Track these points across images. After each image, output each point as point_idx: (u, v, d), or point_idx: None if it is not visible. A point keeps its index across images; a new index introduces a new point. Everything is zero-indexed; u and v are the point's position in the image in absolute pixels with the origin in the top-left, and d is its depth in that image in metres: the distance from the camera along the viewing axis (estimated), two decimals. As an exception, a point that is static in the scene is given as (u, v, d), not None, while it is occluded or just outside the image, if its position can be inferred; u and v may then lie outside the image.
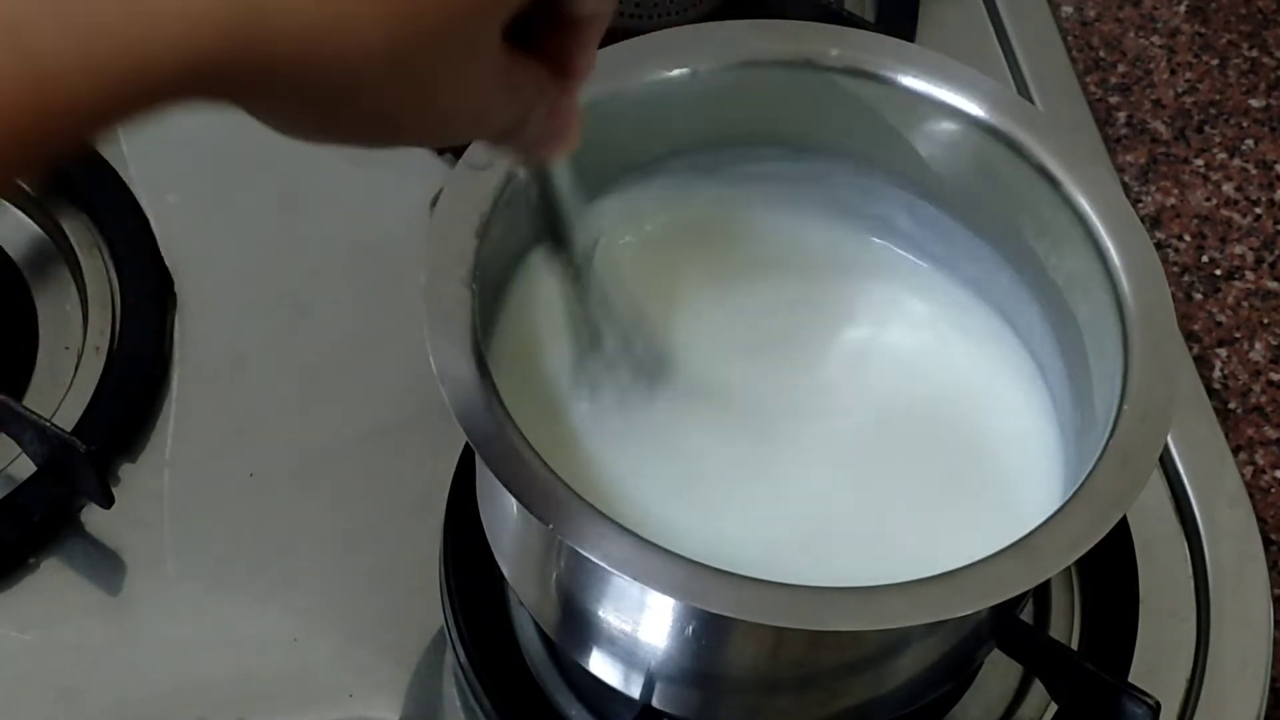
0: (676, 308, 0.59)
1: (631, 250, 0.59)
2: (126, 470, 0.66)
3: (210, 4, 0.33)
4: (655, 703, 0.54)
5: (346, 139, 0.39)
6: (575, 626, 0.54)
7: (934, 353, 0.59)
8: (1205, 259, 0.78)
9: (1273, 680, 0.64)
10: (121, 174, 0.72)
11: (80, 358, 0.67)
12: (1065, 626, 0.64)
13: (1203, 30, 0.86)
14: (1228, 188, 0.80)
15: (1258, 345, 0.75)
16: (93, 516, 0.64)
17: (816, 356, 0.58)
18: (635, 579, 0.45)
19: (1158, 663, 0.63)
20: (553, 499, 0.46)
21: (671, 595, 0.46)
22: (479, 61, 0.38)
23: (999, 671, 0.62)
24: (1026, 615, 0.63)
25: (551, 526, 0.46)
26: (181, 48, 0.33)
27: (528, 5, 0.39)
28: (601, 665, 0.54)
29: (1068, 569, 0.63)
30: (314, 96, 0.36)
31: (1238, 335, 0.75)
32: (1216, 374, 0.74)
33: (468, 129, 0.41)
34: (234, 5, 0.33)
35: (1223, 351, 0.75)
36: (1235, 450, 0.70)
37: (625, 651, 0.52)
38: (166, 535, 0.65)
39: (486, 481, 0.56)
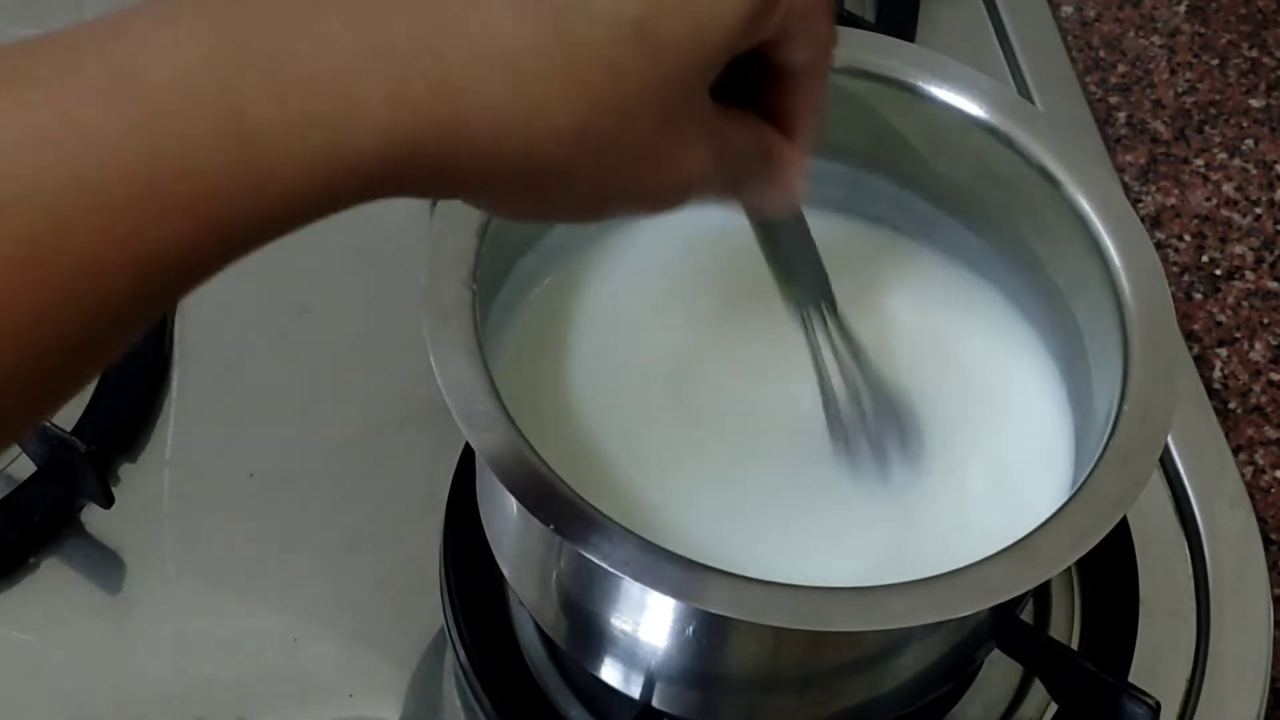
0: (677, 307, 0.59)
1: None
2: (126, 470, 0.66)
3: (412, 90, 0.33)
4: (655, 703, 0.54)
5: (565, 217, 0.39)
6: (575, 627, 0.54)
7: (934, 350, 0.59)
8: (1205, 259, 0.78)
9: (1273, 680, 0.64)
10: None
11: (80, 358, 0.67)
12: (1065, 626, 0.64)
13: (1203, 30, 0.86)
14: (1228, 188, 0.80)
15: (1258, 345, 0.75)
16: (93, 516, 0.64)
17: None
18: (635, 579, 0.45)
19: (1158, 663, 0.63)
20: (553, 499, 0.46)
21: (671, 595, 0.46)
22: (683, 132, 0.37)
23: (999, 671, 0.62)
24: (1026, 615, 0.63)
25: (552, 527, 0.46)
26: (385, 132, 0.33)
27: (737, 62, 0.38)
28: (601, 665, 0.54)
29: (1068, 569, 0.63)
30: (515, 182, 0.35)
31: (1238, 335, 0.75)
32: (1216, 374, 0.74)
33: (683, 195, 0.39)
34: (434, 92, 0.33)
35: (1223, 351, 0.75)
36: (1235, 450, 0.70)
37: (625, 651, 0.52)
38: (166, 535, 0.65)
39: (486, 481, 0.56)
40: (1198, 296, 0.76)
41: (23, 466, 0.64)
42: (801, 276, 0.51)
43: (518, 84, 0.34)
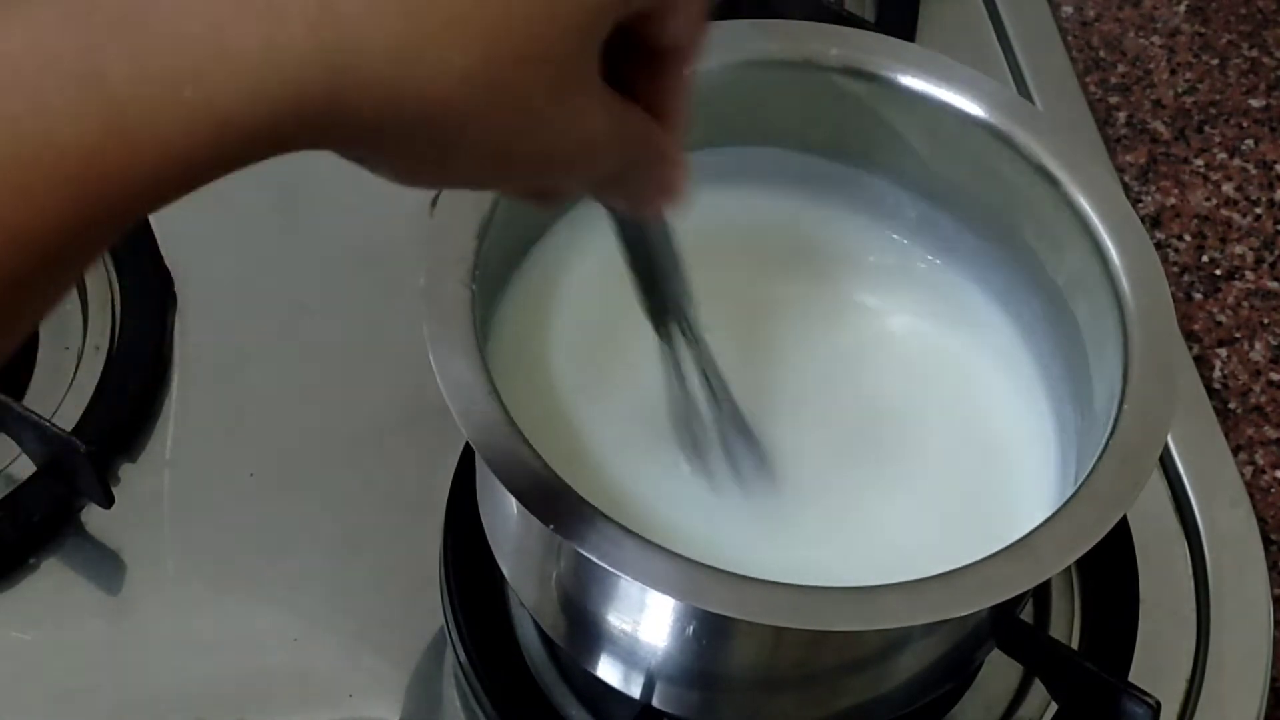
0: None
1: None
2: (126, 470, 0.66)
3: (291, 33, 0.31)
4: (655, 703, 0.54)
5: (462, 177, 0.37)
6: (575, 626, 0.54)
7: (934, 350, 0.59)
8: (1205, 259, 0.78)
9: (1273, 680, 0.64)
10: (121, 174, 0.72)
11: (80, 358, 0.67)
12: (1065, 626, 0.64)
13: (1203, 30, 0.86)
14: (1228, 188, 0.80)
15: (1258, 345, 0.75)
16: (93, 516, 0.64)
17: (815, 355, 0.58)
18: (635, 579, 0.45)
19: (1158, 663, 0.63)
20: (552, 499, 0.46)
21: (671, 595, 0.46)
22: (580, 86, 0.37)
23: (999, 671, 0.62)
24: (1026, 615, 0.63)
25: (552, 527, 0.46)
26: (264, 81, 0.31)
27: (613, 47, 0.38)
28: (602, 665, 0.54)
29: (1068, 569, 0.63)
30: (411, 132, 0.34)
31: (1238, 335, 0.75)
32: (1216, 374, 0.74)
33: (577, 162, 0.39)
34: (316, 32, 0.32)
35: (1223, 351, 0.75)
36: (1235, 450, 0.70)
37: (625, 651, 0.52)
38: (166, 535, 0.65)
39: (486, 481, 0.56)
40: (1198, 296, 0.76)
41: (23, 466, 0.64)
42: (664, 288, 0.49)
43: (408, 22, 0.33)
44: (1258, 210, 0.79)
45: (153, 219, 0.71)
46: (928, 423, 0.57)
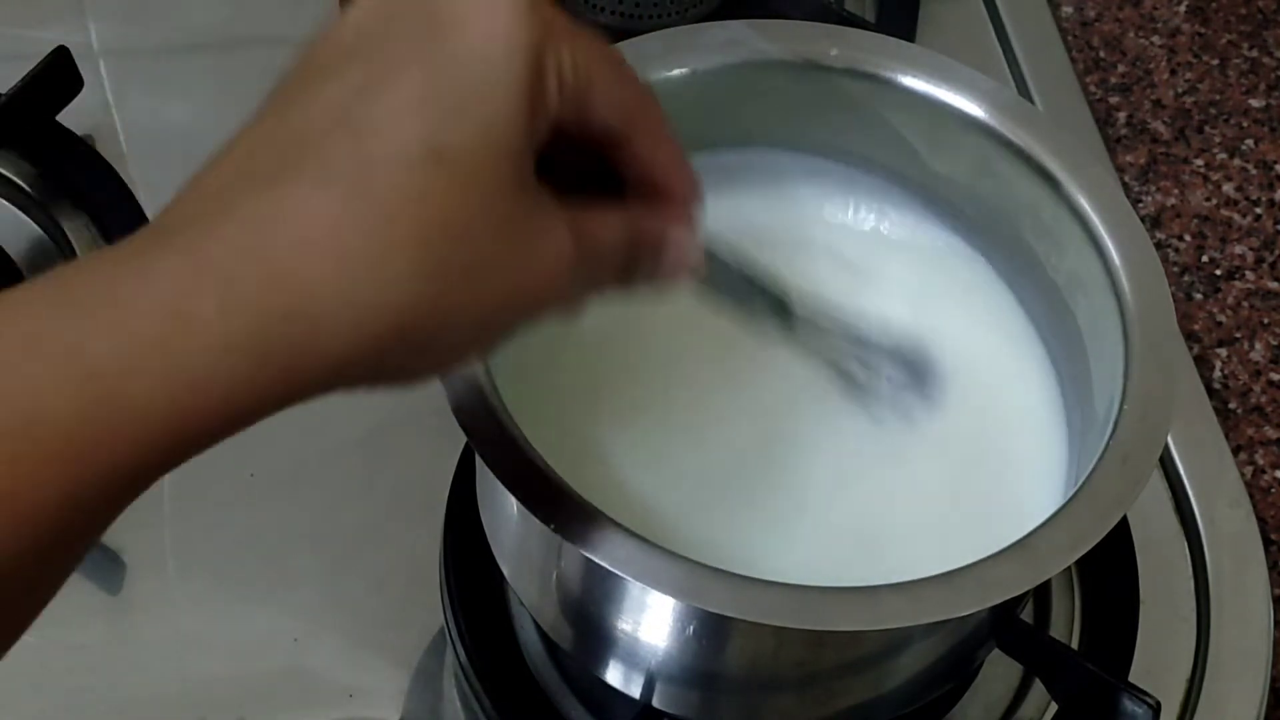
0: (678, 307, 0.59)
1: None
2: (126, 470, 0.66)
3: (244, 292, 0.33)
4: (655, 703, 0.54)
5: (463, 355, 0.39)
6: (575, 626, 0.54)
7: (935, 350, 0.59)
8: (1205, 259, 0.78)
9: (1273, 680, 0.64)
10: (121, 174, 0.72)
11: (80, 358, 0.67)
12: (1065, 626, 0.64)
13: (1203, 30, 0.86)
14: (1228, 188, 0.80)
15: (1258, 345, 0.75)
16: (93, 516, 0.64)
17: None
18: (635, 579, 0.45)
19: (1158, 663, 0.63)
20: (552, 499, 0.46)
21: (671, 595, 0.46)
22: (525, 228, 0.37)
23: (999, 671, 0.62)
24: (1026, 615, 0.63)
25: (552, 526, 0.46)
26: (227, 338, 0.33)
27: (580, 155, 0.38)
28: (602, 665, 0.54)
29: (1068, 569, 0.63)
30: (389, 346, 0.35)
31: (1238, 335, 0.75)
32: (1216, 374, 0.74)
33: (556, 285, 0.39)
34: (268, 290, 0.33)
35: (1223, 351, 0.75)
36: (1235, 450, 0.70)
37: (625, 651, 0.52)
38: (166, 535, 0.65)
39: (486, 481, 0.56)
40: (1198, 296, 0.76)
41: (23, 466, 0.64)
42: (753, 304, 0.50)
43: (343, 255, 0.34)
44: (1258, 210, 0.79)
45: (152, 219, 0.71)
46: (928, 422, 0.57)
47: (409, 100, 0.35)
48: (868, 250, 0.61)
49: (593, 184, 0.42)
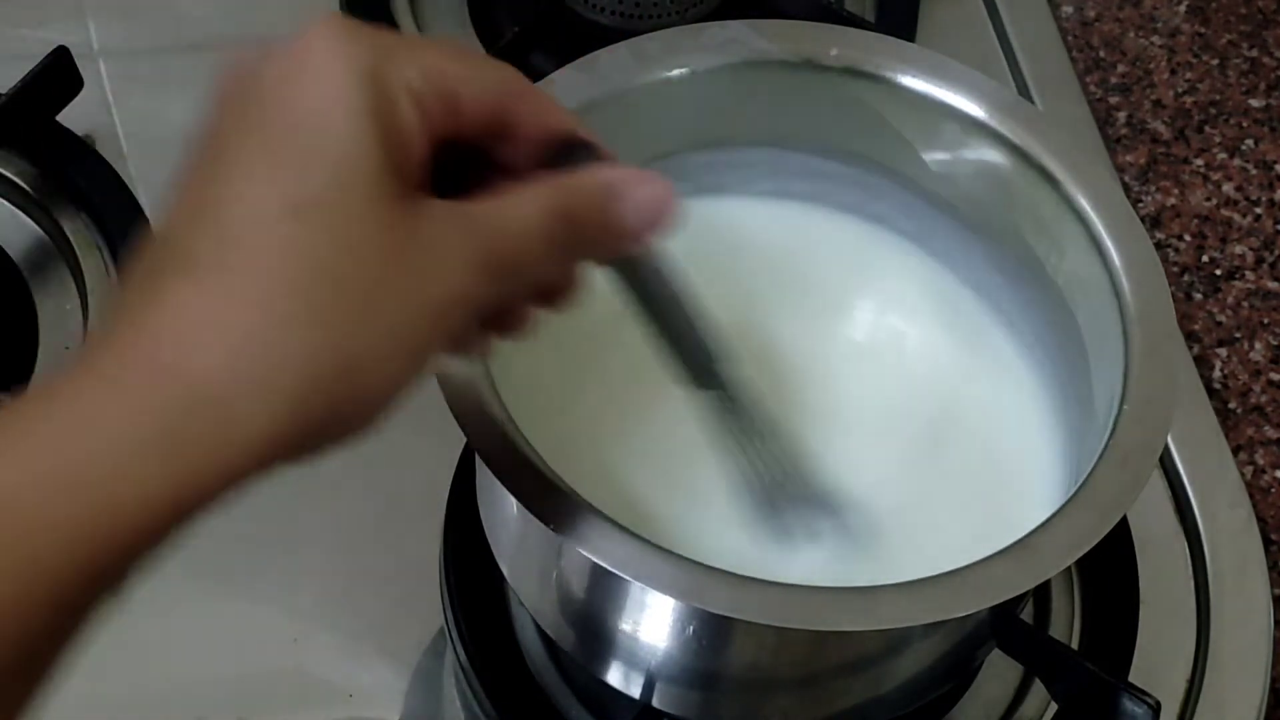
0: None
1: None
2: (126, 470, 0.66)
3: (156, 423, 0.34)
4: (655, 703, 0.54)
5: (390, 394, 0.40)
6: (575, 626, 0.54)
7: (935, 351, 0.59)
8: (1205, 259, 0.78)
9: (1273, 680, 0.64)
10: (121, 174, 0.72)
11: (80, 358, 0.67)
12: (1065, 626, 0.64)
13: (1203, 30, 0.86)
14: (1228, 188, 0.80)
15: (1258, 345, 0.75)
16: (93, 516, 0.64)
17: (817, 356, 0.58)
18: (635, 579, 0.45)
19: (1158, 663, 0.63)
20: (552, 499, 0.46)
21: (671, 595, 0.46)
22: (424, 254, 0.37)
23: (999, 671, 0.62)
24: (1026, 615, 0.63)
25: (551, 526, 0.46)
26: (152, 458, 0.35)
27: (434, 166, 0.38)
28: (601, 665, 0.54)
29: (1068, 569, 0.63)
30: (332, 427, 0.38)
31: (1238, 335, 0.75)
32: (1216, 374, 0.74)
33: (485, 300, 0.39)
34: (170, 411, 0.34)
35: (1223, 351, 0.75)
36: (1235, 450, 0.70)
37: (625, 651, 0.52)
38: (166, 535, 0.65)
39: (486, 481, 0.56)
40: (1198, 296, 0.76)
41: (23, 466, 0.64)
42: (684, 356, 0.47)
43: (226, 336, 0.35)
44: (1258, 210, 0.79)
45: (152, 219, 0.71)
46: (928, 423, 0.57)
47: (257, 171, 0.35)
48: (866, 251, 0.61)
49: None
